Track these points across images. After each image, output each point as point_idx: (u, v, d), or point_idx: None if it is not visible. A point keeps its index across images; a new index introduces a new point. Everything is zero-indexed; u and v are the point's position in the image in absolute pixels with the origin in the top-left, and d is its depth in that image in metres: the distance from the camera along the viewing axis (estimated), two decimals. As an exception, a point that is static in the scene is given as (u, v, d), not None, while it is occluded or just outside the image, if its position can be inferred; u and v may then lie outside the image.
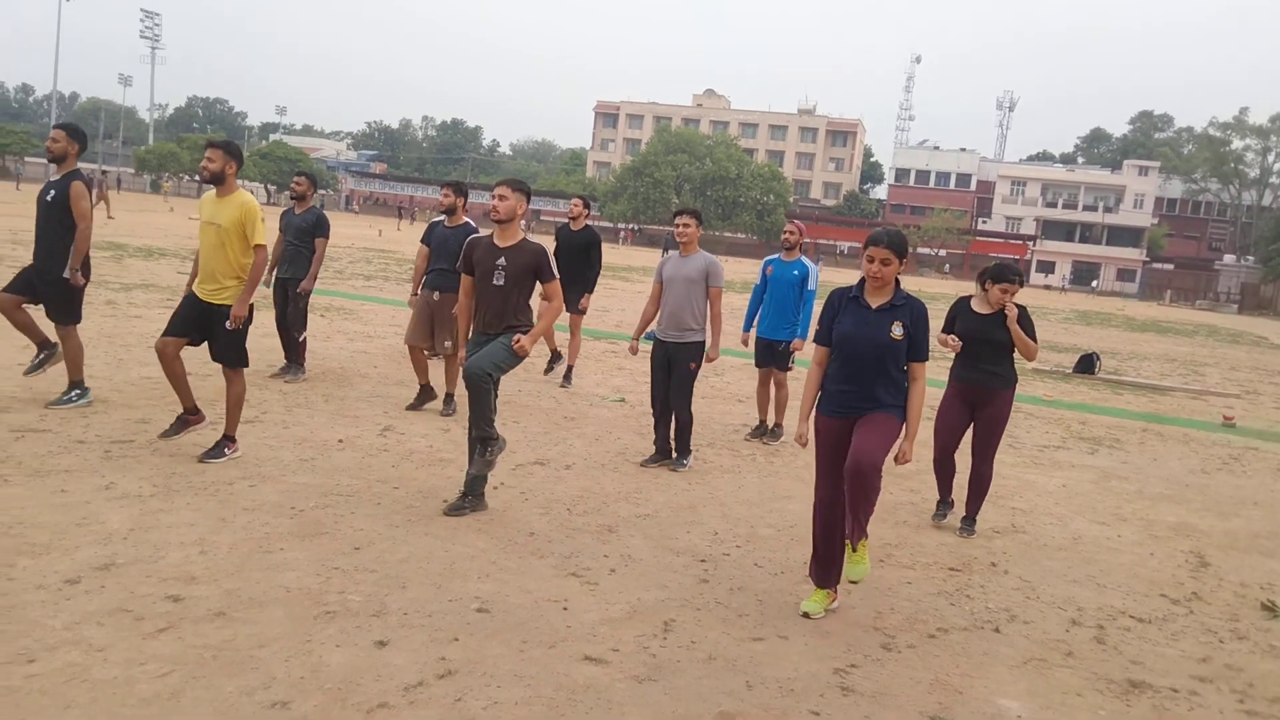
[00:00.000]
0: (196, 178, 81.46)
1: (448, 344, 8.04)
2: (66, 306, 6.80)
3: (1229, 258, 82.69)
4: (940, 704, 3.80)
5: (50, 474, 5.34)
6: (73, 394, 6.84)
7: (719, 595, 4.71)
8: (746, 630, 4.32)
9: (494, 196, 5.59)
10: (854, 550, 4.50)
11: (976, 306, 6.27)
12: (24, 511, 4.74)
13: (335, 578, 4.40)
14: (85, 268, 6.82)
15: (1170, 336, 30.60)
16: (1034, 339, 6.23)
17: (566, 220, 10.13)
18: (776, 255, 8.23)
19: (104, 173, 48.79)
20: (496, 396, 5.54)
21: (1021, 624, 4.75)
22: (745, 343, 8.32)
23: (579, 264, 9.89)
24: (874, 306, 4.49)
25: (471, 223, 8.50)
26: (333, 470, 6.08)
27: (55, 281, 6.72)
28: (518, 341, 5.44)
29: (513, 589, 4.49)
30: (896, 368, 4.47)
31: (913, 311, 4.48)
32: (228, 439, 6.09)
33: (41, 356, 6.95)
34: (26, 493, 5.01)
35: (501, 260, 5.52)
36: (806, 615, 4.53)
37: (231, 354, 6.11)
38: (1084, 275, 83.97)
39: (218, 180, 6.06)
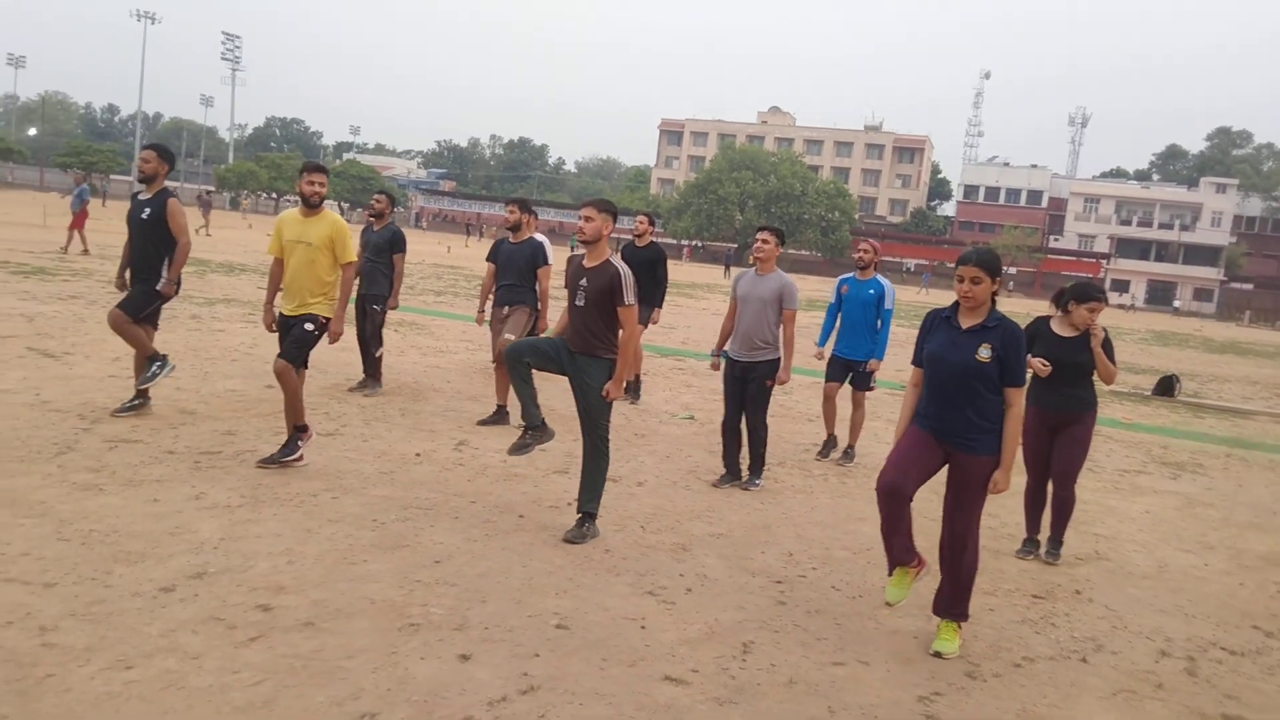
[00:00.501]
0: (274, 196, 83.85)
1: (509, 336, 8.05)
2: (138, 305, 6.97)
3: (1313, 277, 79.88)
4: (1028, 735, 3.72)
5: (143, 483, 5.52)
6: (154, 366, 6.99)
7: (797, 618, 4.67)
8: (826, 654, 4.28)
9: (580, 218, 5.64)
10: (948, 629, 4.45)
11: (1057, 328, 6.13)
12: (119, 520, 4.91)
13: (417, 590, 4.47)
14: (176, 281, 7.08)
15: (1251, 358, 29.65)
16: (1113, 361, 6.09)
17: (632, 237, 10.18)
18: (851, 274, 8.17)
19: (209, 192, 51.61)
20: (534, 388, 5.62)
21: (1109, 654, 4.63)
22: (819, 358, 8.28)
23: (645, 280, 9.92)
24: (964, 327, 4.42)
25: (537, 237, 8.60)
26: (411, 483, 6.18)
27: (144, 285, 6.99)
28: (607, 393, 5.48)
29: (590, 606, 4.51)
30: (988, 392, 4.34)
31: (1004, 334, 4.34)
32: (298, 430, 6.20)
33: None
34: (121, 502, 5.18)
35: (584, 281, 5.55)
36: (889, 604, 4.52)
37: (295, 349, 6.23)
38: (1159, 294, 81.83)
39: (316, 204, 6.31)
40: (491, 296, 8.68)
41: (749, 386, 6.96)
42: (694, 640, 4.26)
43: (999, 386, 4.38)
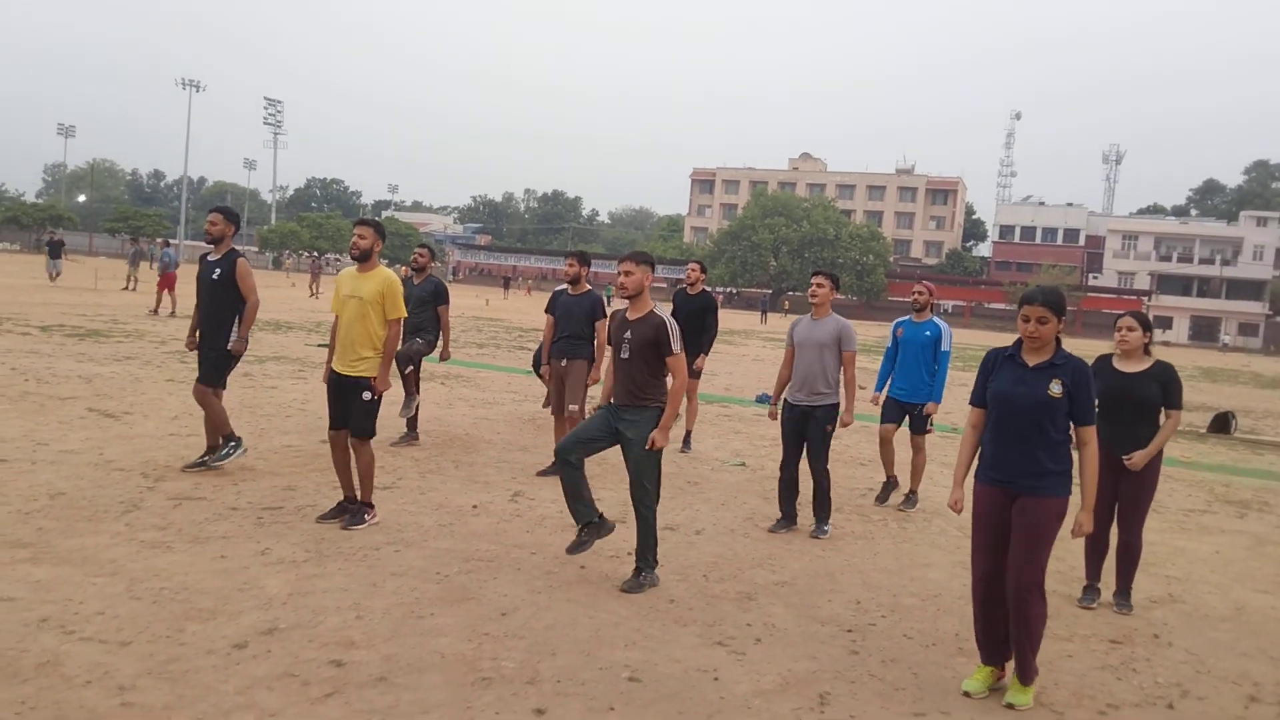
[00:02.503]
0: (315, 254, 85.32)
1: (573, 407, 8.15)
2: (219, 371, 7.25)
3: (1362, 309, 78.30)
4: (1122, 786, 3.59)
5: (209, 540, 5.56)
6: (229, 447, 7.23)
7: (871, 667, 4.58)
8: (906, 705, 4.18)
9: (620, 273, 5.67)
10: (1020, 685, 4.32)
11: (1119, 365, 6.01)
12: (188, 577, 4.94)
13: (486, 643, 4.44)
14: (245, 339, 7.25)
15: (1307, 393, 28.97)
16: (1178, 402, 5.91)
17: (684, 285, 10.21)
18: (907, 317, 8.12)
19: (319, 255, 60.55)
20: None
21: (1195, 700, 4.48)
22: (875, 403, 8.20)
23: (695, 327, 9.95)
24: (1031, 365, 4.36)
25: (595, 290, 8.65)
26: (471, 535, 6.17)
27: (217, 348, 7.17)
28: (652, 444, 5.44)
29: (661, 657, 4.46)
30: (1057, 430, 4.28)
31: (1074, 371, 4.28)
32: (365, 506, 6.25)
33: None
34: (189, 559, 5.22)
35: (628, 334, 5.56)
36: (967, 694, 4.33)
37: (361, 422, 6.24)
38: (1203, 330, 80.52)
39: (366, 257, 6.34)
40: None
41: (808, 430, 6.91)
42: (769, 692, 4.19)
43: (1066, 425, 4.31)
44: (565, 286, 8.69)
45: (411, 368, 9.12)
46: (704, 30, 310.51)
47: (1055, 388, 4.25)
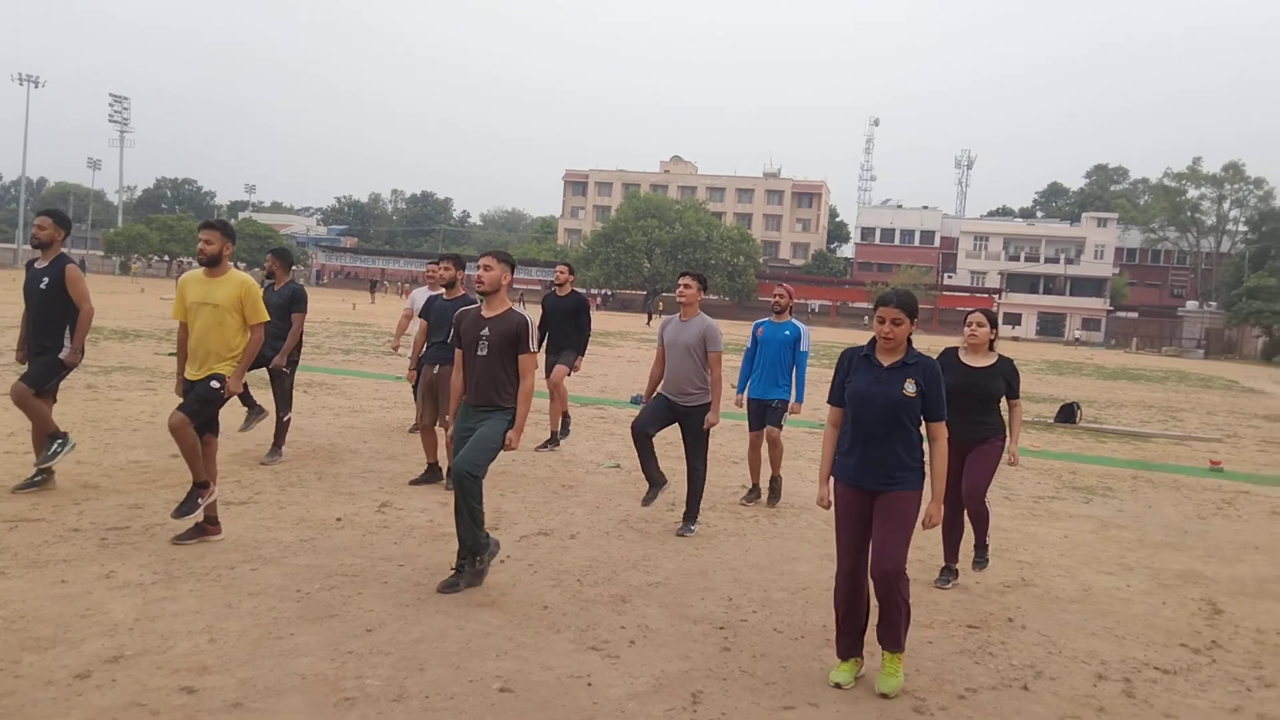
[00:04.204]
0: (166, 258, 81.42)
1: (448, 418, 7.97)
2: (46, 375, 6.72)
3: (1191, 304, 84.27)
4: (982, 767, 3.71)
5: (48, 564, 5.19)
6: (55, 445, 6.67)
7: (743, 663, 4.62)
8: (776, 699, 4.23)
9: (479, 268, 5.59)
10: (888, 661, 4.44)
11: (965, 358, 6.32)
12: (25, 605, 4.60)
13: (350, 662, 4.28)
14: (80, 350, 6.76)
15: (1143, 383, 30.98)
16: (1017, 393, 6.38)
17: (553, 287, 10.15)
18: (767, 318, 8.24)
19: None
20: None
21: (1049, 680, 4.69)
22: (739, 404, 8.29)
23: (569, 329, 9.91)
24: (885, 365, 4.49)
25: (470, 295, 8.48)
26: (334, 550, 5.96)
27: (47, 358, 6.68)
28: (509, 443, 5.40)
29: (533, 666, 4.39)
30: (913, 427, 4.44)
31: (925, 370, 4.44)
32: (199, 487, 5.85)
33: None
34: (26, 585, 4.86)
35: (485, 330, 5.48)
36: (838, 686, 4.42)
37: (197, 405, 5.87)
38: (1050, 326, 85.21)
39: (215, 261, 6.03)
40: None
41: (684, 429, 6.97)
42: (642, 694, 4.17)
43: (920, 421, 4.48)
44: (440, 291, 8.51)
45: (289, 416, 8.70)
46: (574, 29, 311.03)
47: (909, 387, 4.39)
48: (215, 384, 5.93)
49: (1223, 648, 5.33)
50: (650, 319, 57.75)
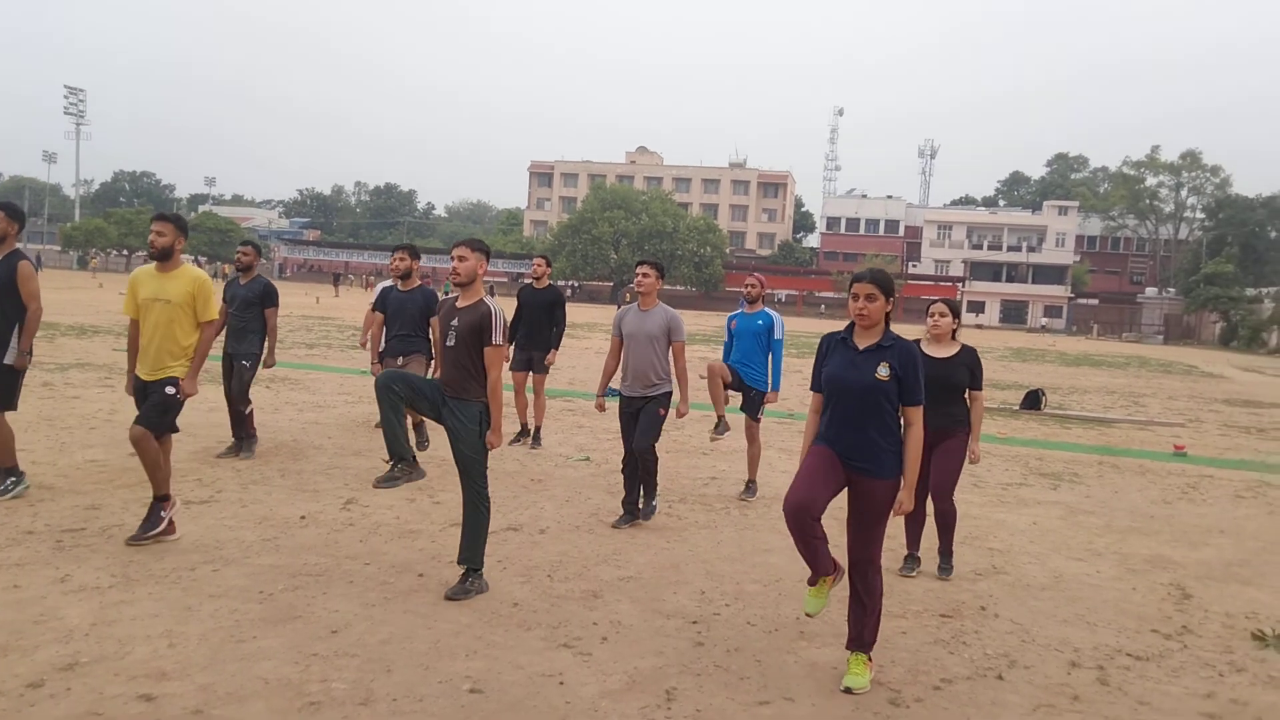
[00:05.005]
0: (125, 252, 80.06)
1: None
2: (5, 393, 6.44)
3: (1151, 290, 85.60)
4: (959, 760, 3.68)
5: (1, 569, 5.02)
6: (8, 482, 6.44)
7: (716, 658, 4.56)
8: (750, 694, 4.18)
9: (454, 258, 5.47)
10: (854, 661, 4.40)
11: (929, 349, 6.27)
12: (-27, 612, 4.44)
13: (315, 665, 4.17)
14: (28, 352, 6.51)
15: (1105, 369, 31.36)
16: (980, 384, 6.31)
17: (529, 280, 10.00)
18: (739, 310, 8.17)
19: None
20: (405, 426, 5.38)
21: (1023, 669, 4.67)
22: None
23: (543, 322, 9.79)
24: (861, 348, 4.43)
25: (427, 285, 8.37)
26: (298, 549, 5.83)
27: None
28: (490, 444, 5.30)
29: (504, 665, 4.30)
30: (889, 411, 4.38)
31: (901, 353, 4.36)
32: (159, 500, 5.73)
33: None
34: (-26, 592, 4.69)
35: (455, 320, 5.38)
36: (809, 615, 4.49)
37: (155, 416, 5.73)
38: (1013, 313, 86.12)
39: (166, 255, 5.86)
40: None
41: (641, 415, 6.86)
42: (616, 692, 4.10)
43: (897, 406, 4.41)
44: (395, 282, 8.36)
45: (250, 408, 8.51)
46: (535, 22, 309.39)
47: (883, 370, 4.33)
48: (170, 389, 5.78)
49: (1193, 633, 5.35)
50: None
